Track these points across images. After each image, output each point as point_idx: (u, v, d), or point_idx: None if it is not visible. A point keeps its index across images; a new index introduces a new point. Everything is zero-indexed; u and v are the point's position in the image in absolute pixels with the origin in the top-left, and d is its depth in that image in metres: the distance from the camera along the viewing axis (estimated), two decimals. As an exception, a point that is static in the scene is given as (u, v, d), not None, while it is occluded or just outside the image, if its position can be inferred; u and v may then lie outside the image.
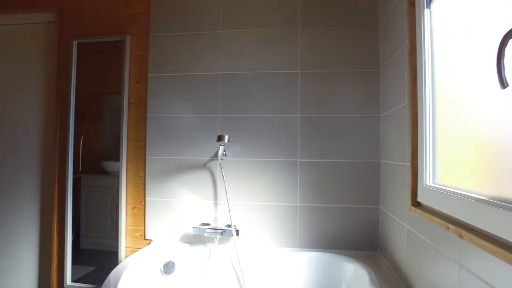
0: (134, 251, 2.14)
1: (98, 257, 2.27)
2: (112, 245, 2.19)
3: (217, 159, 2.06)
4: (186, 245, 2.05)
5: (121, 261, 2.11)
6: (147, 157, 2.15)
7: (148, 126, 2.16)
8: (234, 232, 1.93)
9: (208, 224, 2.04)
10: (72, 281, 2.21)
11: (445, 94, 1.16)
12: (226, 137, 1.88)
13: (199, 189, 2.09)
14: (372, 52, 1.98)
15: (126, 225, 2.17)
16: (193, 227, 1.99)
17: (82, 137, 2.28)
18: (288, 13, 2.06)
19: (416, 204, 1.34)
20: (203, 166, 2.09)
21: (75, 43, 2.23)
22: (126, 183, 2.18)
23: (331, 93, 2.00)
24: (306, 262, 1.87)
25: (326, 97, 2.00)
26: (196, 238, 2.08)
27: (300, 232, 2.00)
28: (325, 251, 1.91)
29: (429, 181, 1.26)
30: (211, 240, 2.05)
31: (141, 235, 2.15)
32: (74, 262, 2.22)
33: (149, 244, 2.11)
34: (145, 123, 2.17)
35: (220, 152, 1.99)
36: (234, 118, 2.06)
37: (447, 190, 1.07)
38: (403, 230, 1.52)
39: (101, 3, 2.26)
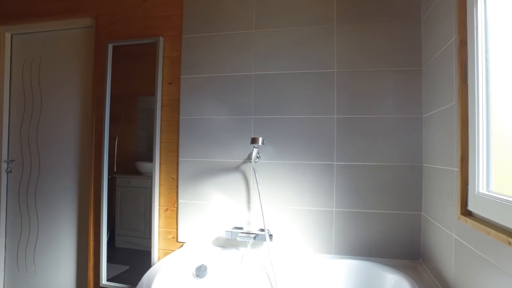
0: (167, 253, 2.14)
1: (132, 256, 2.30)
2: (145, 244, 2.20)
3: (251, 162, 2.02)
4: (218, 248, 2.02)
5: (153, 264, 2.11)
6: (179, 159, 2.14)
7: (181, 128, 2.15)
8: (267, 237, 1.88)
9: (241, 228, 2.00)
10: (107, 279, 2.24)
11: (503, 92, 1.05)
12: (260, 139, 1.83)
13: (232, 192, 2.05)
14: (414, 48, 1.86)
15: (159, 227, 2.17)
16: (226, 231, 1.96)
17: (117, 138, 2.31)
18: (323, 10, 1.98)
19: (467, 213, 1.23)
20: (236, 168, 2.05)
21: (110, 46, 2.27)
22: (159, 185, 2.18)
23: (370, 93, 1.90)
24: (343, 270, 1.79)
25: (364, 97, 1.91)
26: (228, 242, 2.05)
27: (336, 238, 1.91)
28: (362, 259, 1.82)
29: (482, 189, 1.15)
30: (244, 244, 2.01)
31: (173, 237, 2.14)
32: (109, 260, 2.25)
33: (181, 246, 2.10)
34: (177, 125, 2.16)
35: (254, 154, 1.94)
36: (268, 120, 2.01)
37: (507, 199, 0.96)
38: (450, 240, 1.41)
39: (135, 7, 2.28)
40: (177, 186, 2.15)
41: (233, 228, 1.99)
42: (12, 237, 2.62)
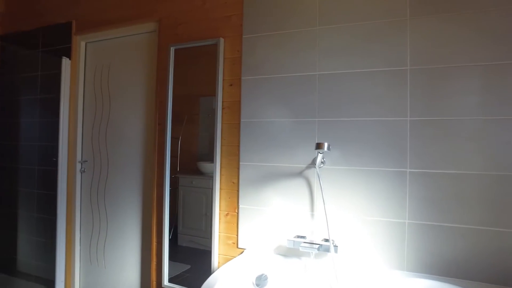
0: (227, 259, 2.10)
1: (194, 255, 2.31)
2: (206, 244, 2.19)
3: (314, 167, 1.90)
4: (280, 257, 1.94)
5: (213, 269, 2.10)
6: (240, 163, 2.10)
7: (242, 131, 2.10)
8: (332, 248, 1.75)
9: (304, 237, 1.89)
10: (169, 279, 2.28)
11: None
12: (326, 144, 1.71)
13: (294, 198, 1.95)
14: (509, 40, 1.60)
15: (219, 232, 2.15)
16: (288, 240, 1.87)
17: (180, 138, 2.34)
18: (394, 2, 1.79)
19: None
20: (299, 174, 1.95)
21: (172, 49, 2.28)
22: (220, 189, 2.15)
23: (450, 92, 1.68)
24: (418, 290, 1.61)
25: (442, 97, 1.69)
26: (290, 251, 1.95)
27: (409, 253, 1.73)
28: (441, 280, 1.62)
29: None
30: (307, 253, 1.91)
31: (233, 243, 2.10)
32: (172, 258, 2.29)
33: (241, 253, 2.06)
34: (238, 128, 2.11)
35: (318, 160, 1.83)
36: (333, 122, 1.88)
37: None
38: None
39: (195, 9, 2.27)
40: (237, 191, 2.11)
41: (295, 237, 1.89)
42: (86, 232, 2.79)
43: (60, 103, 2.73)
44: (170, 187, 2.32)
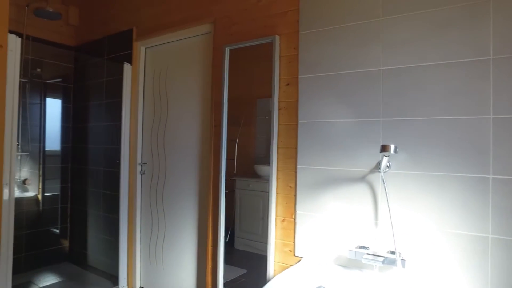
0: (283, 267, 2.00)
1: (250, 260, 2.25)
2: (263, 249, 2.11)
3: (379, 171, 1.73)
4: (339, 268, 1.80)
5: (268, 278, 2.01)
6: (298, 166, 1.99)
7: (299, 133, 1.99)
8: (399, 262, 1.58)
9: (367, 248, 1.73)
10: (225, 283, 2.24)
11: None
12: (392, 146, 1.53)
13: (356, 205, 1.80)
14: None
15: (275, 238, 2.05)
16: (349, 250, 1.72)
17: (237, 140, 2.30)
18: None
19: None
20: (361, 179, 1.79)
21: (227, 50, 2.25)
22: (276, 193, 2.06)
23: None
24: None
25: (536, 91, 1.44)
26: (351, 262, 1.80)
27: (493, 273, 1.49)
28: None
29: None
30: (369, 266, 1.74)
31: (290, 251, 2.00)
32: (228, 262, 2.25)
33: (298, 261, 1.94)
34: (296, 129, 2.00)
35: (384, 163, 1.66)
36: (400, 122, 1.69)
37: None
38: None
39: (250, 7, 2.21)
40: (295, 196, 2.00)
41: (357, 247, 1.74)
42: (146, 232, 2.86)
43: (122, 107, 2.84)
44: (226, 190, 2.28)
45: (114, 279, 2.93)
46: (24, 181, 3.13)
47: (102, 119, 3.14)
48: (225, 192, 2.29)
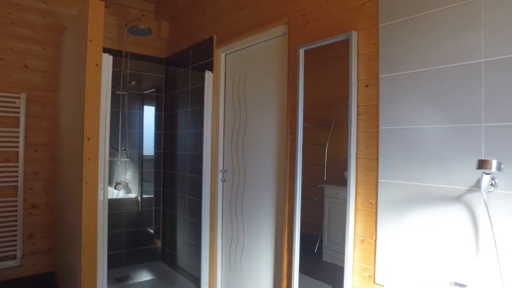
0: (363, 295, 1.76)
1: (338, 274, 2.04)
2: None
3: (479, 191, 1.37)
4: (431, 305, 1.48)
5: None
6: (379, 180, 1.72)
7: (381, 141, 1.72)
8: (511, 310, 1.22)
9: (464, 286, 1.39)
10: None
11: None
12: (494, 163, 1.18)
13: (450, 230, 1.46)
14: None
15: (353, 261, 1.81)
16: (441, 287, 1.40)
17: (326, 145, 2.11)
18: None
19: None
20: (457, 199, 1.44)
21: (301, 51, 2.08)
22: (355, 210, 1.82)
23: None
24: None
25: None
26: (446, 300, 1.47)
27: None
28: None
29: None
30: (471, 308, 1.39)
31: (370, 276, 1.74)
32: (312, 274, 2.08)
33: (380, 291, 1.68)
34: (377, 138, 1.74)
35: (485, 182, 1.30)
36: (509, 128, 1.31)
37: None
38: None
39: (325, 2, 2.00)
40: (376, 214, 1.73)
41: (452, 284, 1.40)
42: (227, 239, 2.86)
43: (204, 115, 2.89)
44: (315, 197, 2.12)
45: (197, 282, 2.99)
46: (115, 186, 3.42)
47: (187, 126, 3.26)
48: (314, 200, 2.13)
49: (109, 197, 3.44)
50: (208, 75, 2.89)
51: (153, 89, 3.67)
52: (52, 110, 3.05)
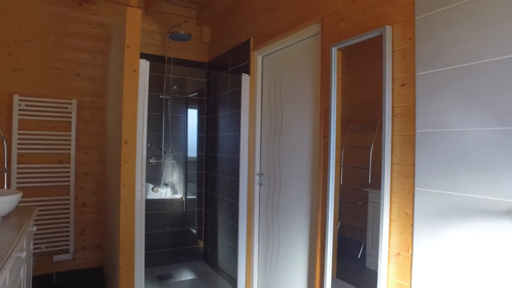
0: (397, 314, 1.60)
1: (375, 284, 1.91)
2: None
3: (533, 205, 1.17)
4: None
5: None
6: (416, 188, 1.56)
7: (418, 146, 1.56)
8: None
9: (514, 315, 1.20)
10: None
11: None
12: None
13: (500, 250, 1.27)
14: None
15: (387, 275, 1.67)
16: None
17: (371, 147, 1.99)
18: None
19: None
20: (506, 213, 1.25)
21: (333, 50, 1.97)
22: (390, 220, 1.68)
23: None
24: None
25: None
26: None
27: None
28: None
29: None
30: None
31: (406, 294, 1.58)
32: (355, 283, 1.96)
33: (416, 311, 1.51)
34: (413, 142, 1.58)
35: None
36: None
37: None
38: None
39: (357, -4, 1.88)
40: (412, 225, 1.57)
41: (498, 311, 1.22)
42: (263, 244, 2.81)
43: (241, 117, 2.86)
44: (359, 201, 2.00)
45: (234, 283, 2.98)
46: (152, 188, 3.52)
47: (226, 129, 3.26)
48: (359, 204, 2.01)
49: (157, 197, 3.57)
50: (245, 77, 2.87)
51: (196, 93, 3.74)
52: (100, 115, 3.23)
